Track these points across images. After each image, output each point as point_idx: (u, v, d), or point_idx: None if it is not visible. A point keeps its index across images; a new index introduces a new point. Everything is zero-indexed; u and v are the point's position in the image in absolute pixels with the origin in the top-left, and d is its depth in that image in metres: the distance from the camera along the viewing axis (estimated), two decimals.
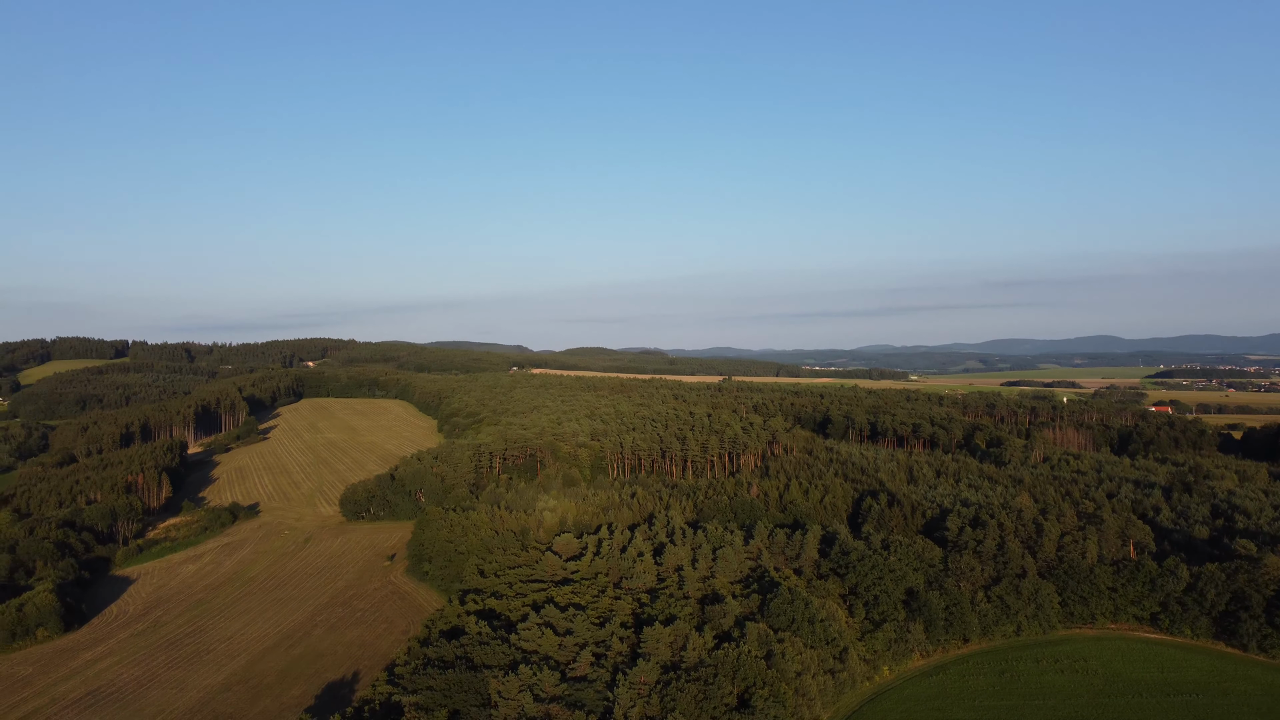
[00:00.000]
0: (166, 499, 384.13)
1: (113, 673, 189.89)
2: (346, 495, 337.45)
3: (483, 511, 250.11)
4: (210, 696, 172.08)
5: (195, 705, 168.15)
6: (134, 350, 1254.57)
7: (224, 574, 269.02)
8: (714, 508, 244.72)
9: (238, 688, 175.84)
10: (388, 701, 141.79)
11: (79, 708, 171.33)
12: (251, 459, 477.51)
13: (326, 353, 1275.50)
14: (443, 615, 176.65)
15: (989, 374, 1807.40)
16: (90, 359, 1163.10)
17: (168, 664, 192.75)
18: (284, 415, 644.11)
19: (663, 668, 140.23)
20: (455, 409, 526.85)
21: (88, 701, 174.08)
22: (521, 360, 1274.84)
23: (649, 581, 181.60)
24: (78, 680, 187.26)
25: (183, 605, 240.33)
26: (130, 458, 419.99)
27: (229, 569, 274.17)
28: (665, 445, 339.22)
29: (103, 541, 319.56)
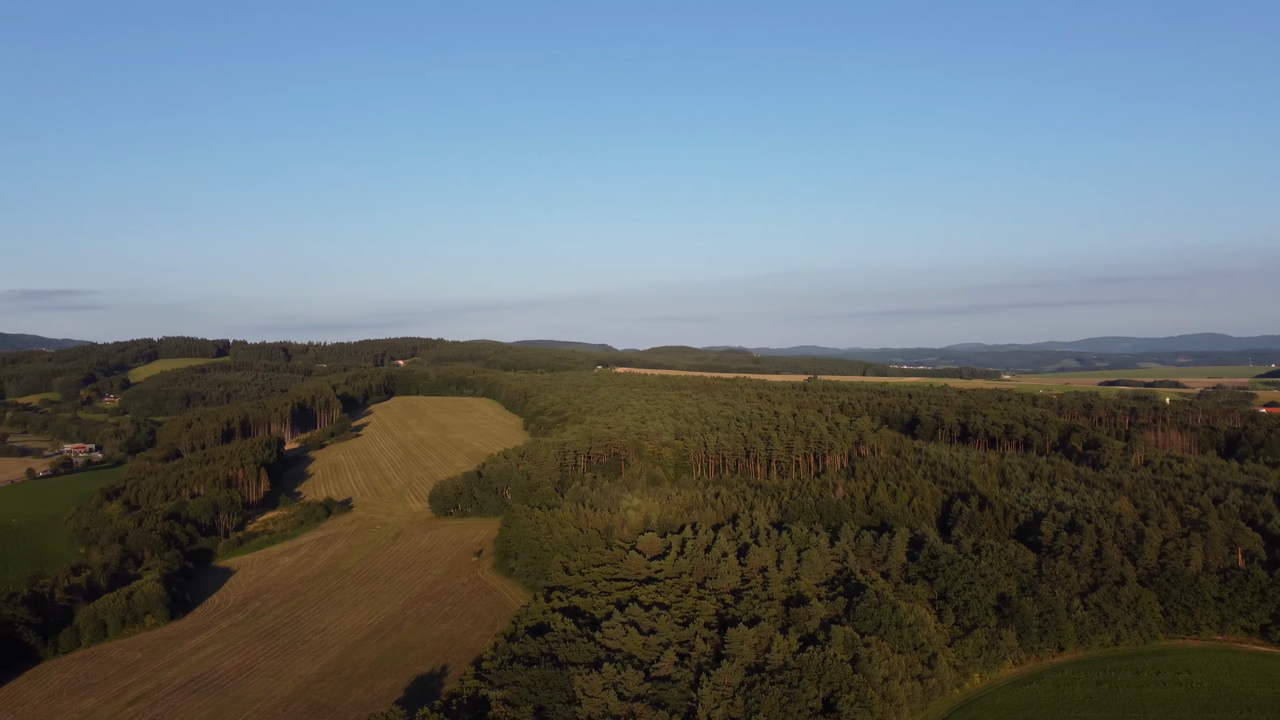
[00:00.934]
0: (265, 493, 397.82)
1: (215, 660, 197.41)
2: (435, 492, 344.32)
3: (567, 509, 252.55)
4: (306, 686, 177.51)
5: (292, 694, 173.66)
6: (234, 349, 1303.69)
7: (319, 567, 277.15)
8: (799, 509, 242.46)
9: (332, 678, 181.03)
10: (475, 696, 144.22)
11: (183, 693, 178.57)
12: (345, 455, 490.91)
13: (416, 352, 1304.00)
14: (528, 612, 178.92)
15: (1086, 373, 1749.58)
16: (194, 358, 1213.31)
17: (266, 653, 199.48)
18: (376, 413, 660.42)
19: (747, 669, 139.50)
20: (541, 407, 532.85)
21: (191, 688, 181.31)
22: (606, 359, 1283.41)
23: (733, 582, 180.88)
24: (182, 667, 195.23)
25: (280, 597, 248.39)
26: (231, 453, 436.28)
27: (324, 562, 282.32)
28: (749, 445, 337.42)
29: (205, 534, 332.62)
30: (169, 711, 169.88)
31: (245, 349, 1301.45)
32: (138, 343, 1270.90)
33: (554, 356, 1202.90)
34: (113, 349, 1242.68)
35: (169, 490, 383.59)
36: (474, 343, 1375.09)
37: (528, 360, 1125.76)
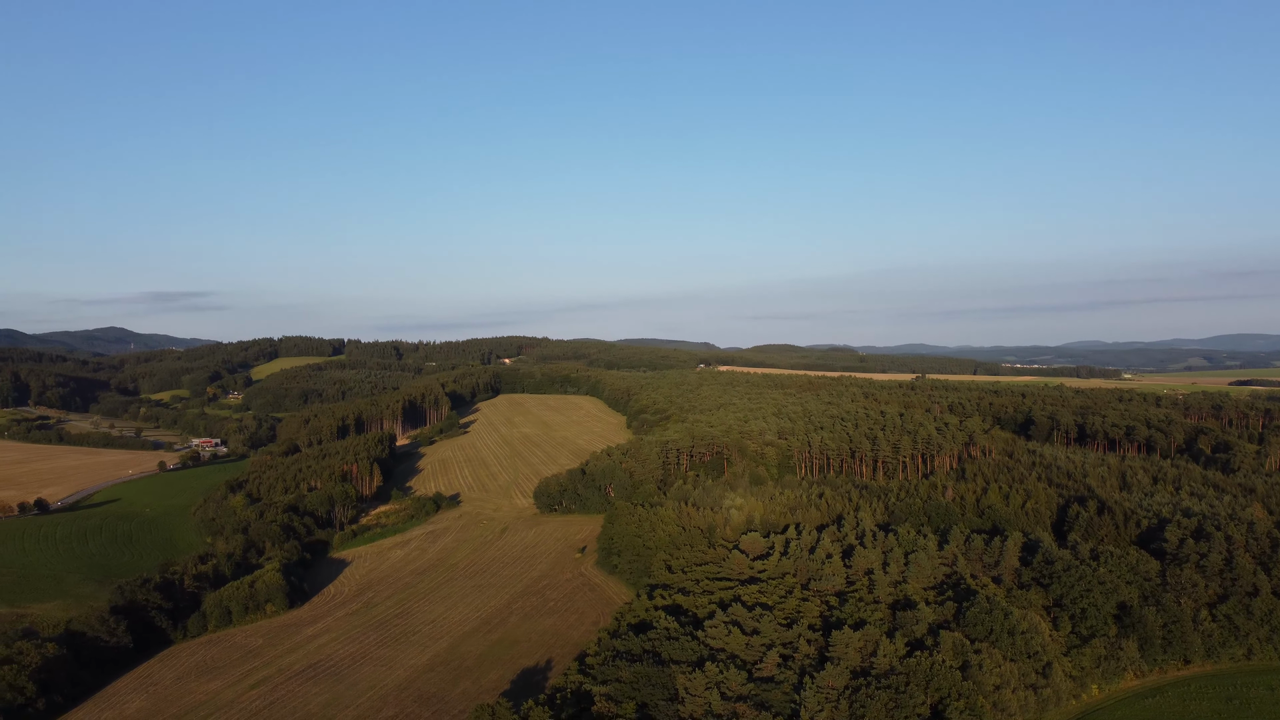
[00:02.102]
0: (378, 487, 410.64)
1: (330, 648, 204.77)
2: (540, 488, 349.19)
3: (670, 508, 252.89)
4: (416, 676, 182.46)
5: (402, 683, 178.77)
6: (349, 348, 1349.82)
7: (429, 560, 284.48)
8: (906, 510, 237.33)
9: (440, 669, 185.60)
10: (579, 690, 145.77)
11: (301, 679, 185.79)
12: (453, 451, 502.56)
13: (522, 350, 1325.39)
14: (631, 609, 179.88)
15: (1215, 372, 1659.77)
16: (311, 356, 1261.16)
17: (378, 643, 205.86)
18: (482, 410, 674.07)
19: (852, 673, 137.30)
20: (643, 406, 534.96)
21: (309, 674, 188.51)
22: (708, 357, 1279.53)
23: (837, 584, 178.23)
24: (300, 654, 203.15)
25: (392, 588, 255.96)
26: (346, 449, 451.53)
27: (433, 555, 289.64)
28: (855, 445, 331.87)
29: (322, 526, 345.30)
30: (288, 696, 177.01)
31: (359, 348, 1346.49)
32: (259, 342, 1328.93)
33: (657, 355, 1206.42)
34: (236, 348, 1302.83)
35: (288, 484, 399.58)
36: (578, 341, 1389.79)
37: (631, 359, 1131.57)
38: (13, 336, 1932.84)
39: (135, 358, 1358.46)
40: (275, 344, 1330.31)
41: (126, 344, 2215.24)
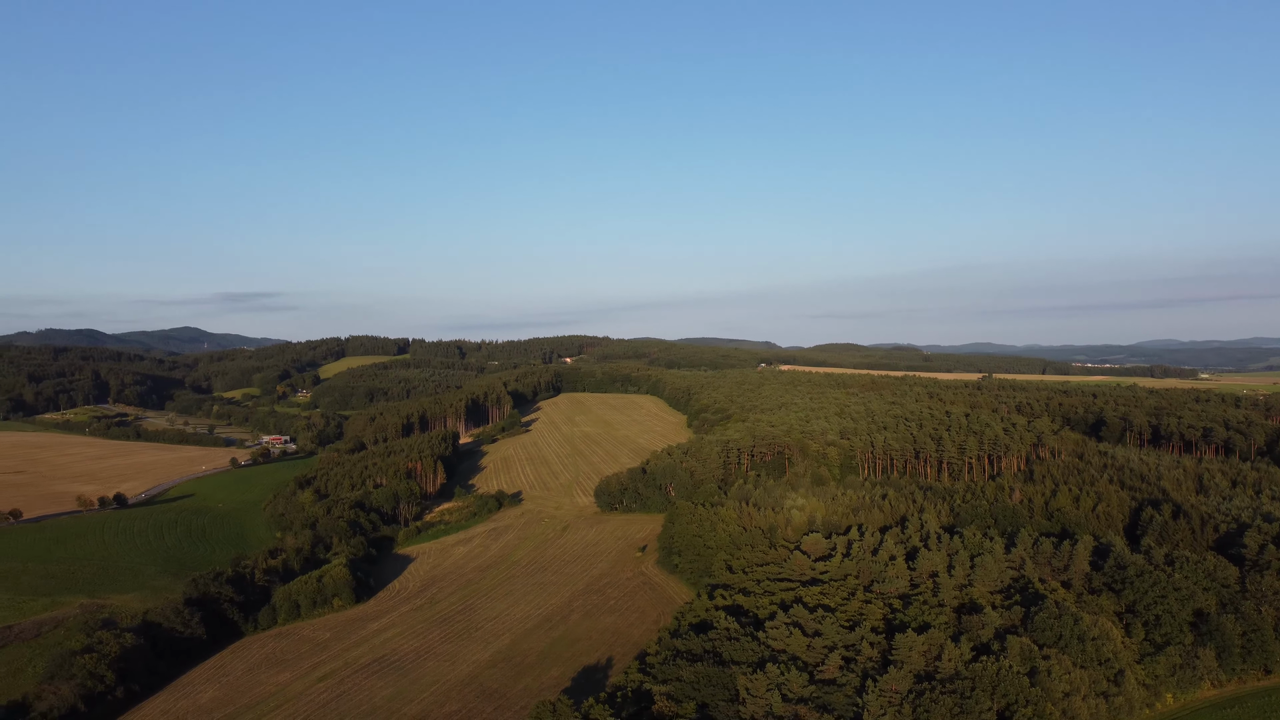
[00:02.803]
0: (441, 485, 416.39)
1: (395, 643, 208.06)
2: (601, 487, 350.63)
3: (731, 507, 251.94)
4: (479, 671, 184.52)
5: (466, 678, 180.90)
6: (413, 348, 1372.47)
7: (491, 557, 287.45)
8: (972, 512, 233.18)
9: (502, 665, 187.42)
10: (639, 689, 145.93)
11: (367, 673, 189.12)
12: (515, 450, 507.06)
13: (582, 349, 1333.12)
14: (691, 608, 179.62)
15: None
16: (377, 355, 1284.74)
17: (442, 638, 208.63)
18: (544, 409, 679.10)
19: (915, 677, 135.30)
20: (704, 405, 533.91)
21: (374, 668, 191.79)
22: (769, 356, 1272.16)
23: (901, 586, 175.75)
24: (366, 648, 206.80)
25: (455, 584, 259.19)
26: (410, 446, 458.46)
27: (495, 553, 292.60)
28: (919, 445, 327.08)
29: (387, 522, 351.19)
30: (354, 689, 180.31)
31: (423, 347, 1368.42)
32: (327, 341, 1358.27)
33: (718, 354, 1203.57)
34: (305, 347, 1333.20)
35: (355, 480, 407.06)
36: (638, 340, 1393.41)
37: (691, 358, 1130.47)
38: (93, 336, 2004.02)
39: (208, 357, 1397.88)
40: (342, 343, 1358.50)
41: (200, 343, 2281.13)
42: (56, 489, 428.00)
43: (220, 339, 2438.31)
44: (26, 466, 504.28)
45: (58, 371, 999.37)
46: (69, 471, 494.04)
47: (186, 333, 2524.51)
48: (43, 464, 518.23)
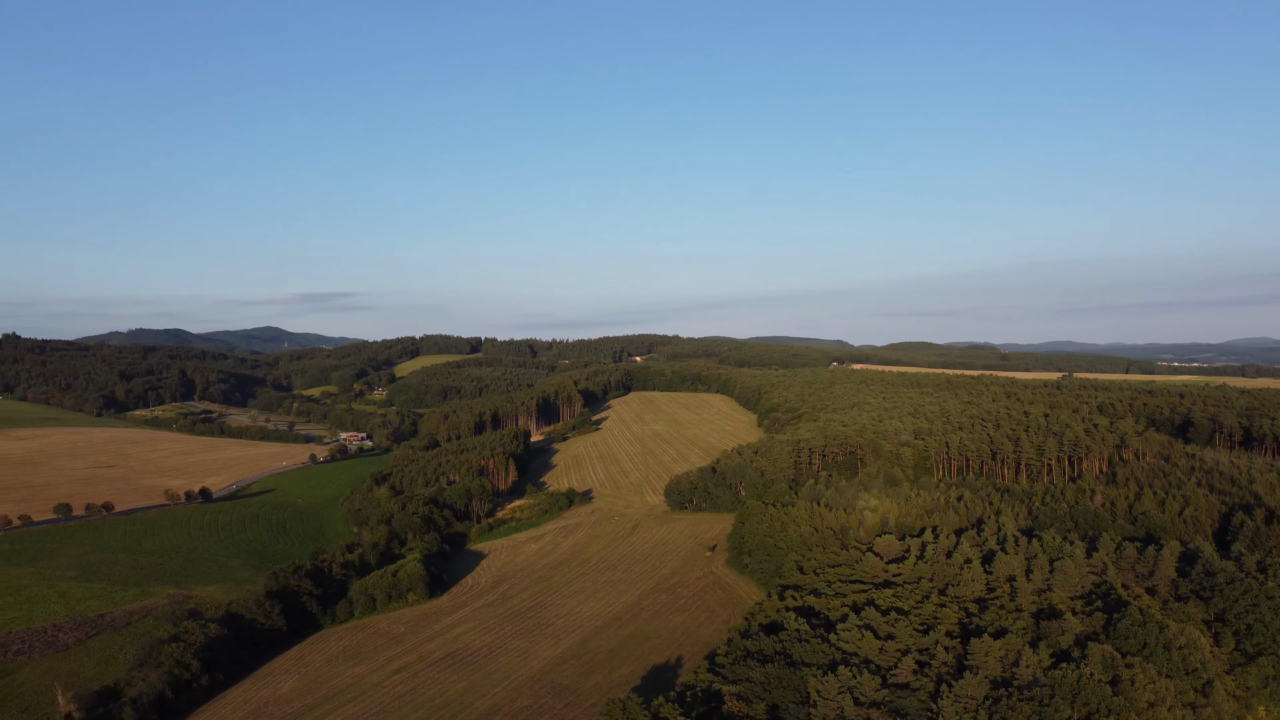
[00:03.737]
0: (513, 482, 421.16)
1: (468, 638, 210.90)
2: (671, 486, 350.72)
3: (802, 508, 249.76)
4: (550, 667, 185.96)
5: (537, 674, 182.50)
6: (486, 346, 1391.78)
7: (562, 554, 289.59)
8: (1051, 515, 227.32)
9: (573, 661, 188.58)
10: (709, 689, 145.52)
11: (440, 666, 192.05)
12: (585, 448, 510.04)
13: (652, 348, 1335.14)
14: (762, 609, 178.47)
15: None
16: (450, 354, 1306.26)
17: (513, 634, 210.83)
18: (614, 407, 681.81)
19: (992, 683, 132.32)
20: (775, 404, 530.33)
21: (448, 662, 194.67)
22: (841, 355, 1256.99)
23: (977, 590, 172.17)
24: (440, 642, 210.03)
25: (526, 581, 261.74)
26: (483, 444, 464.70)
27: (566, 550, 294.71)
28: (996, 446, 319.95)
29: (460, 518, 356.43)
30: (428, 683, 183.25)
31: (495, 346, 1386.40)
32: (402, 340, 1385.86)
33: (788, 353, 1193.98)
34: (381, 346, 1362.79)
35: (429, 477, 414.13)
36: (708, 339, 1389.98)
37: (762, 356, 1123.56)
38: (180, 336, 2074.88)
39: (289, 356, 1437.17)
40: (417, 342, 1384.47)
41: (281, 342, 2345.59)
42: (146, 483, 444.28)
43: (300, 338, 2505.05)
44: (118, 461, 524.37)
45: (147, 370, 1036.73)
46: (158, 466, 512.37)
47: (268, 332, 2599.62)
48: (134, 459, 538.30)
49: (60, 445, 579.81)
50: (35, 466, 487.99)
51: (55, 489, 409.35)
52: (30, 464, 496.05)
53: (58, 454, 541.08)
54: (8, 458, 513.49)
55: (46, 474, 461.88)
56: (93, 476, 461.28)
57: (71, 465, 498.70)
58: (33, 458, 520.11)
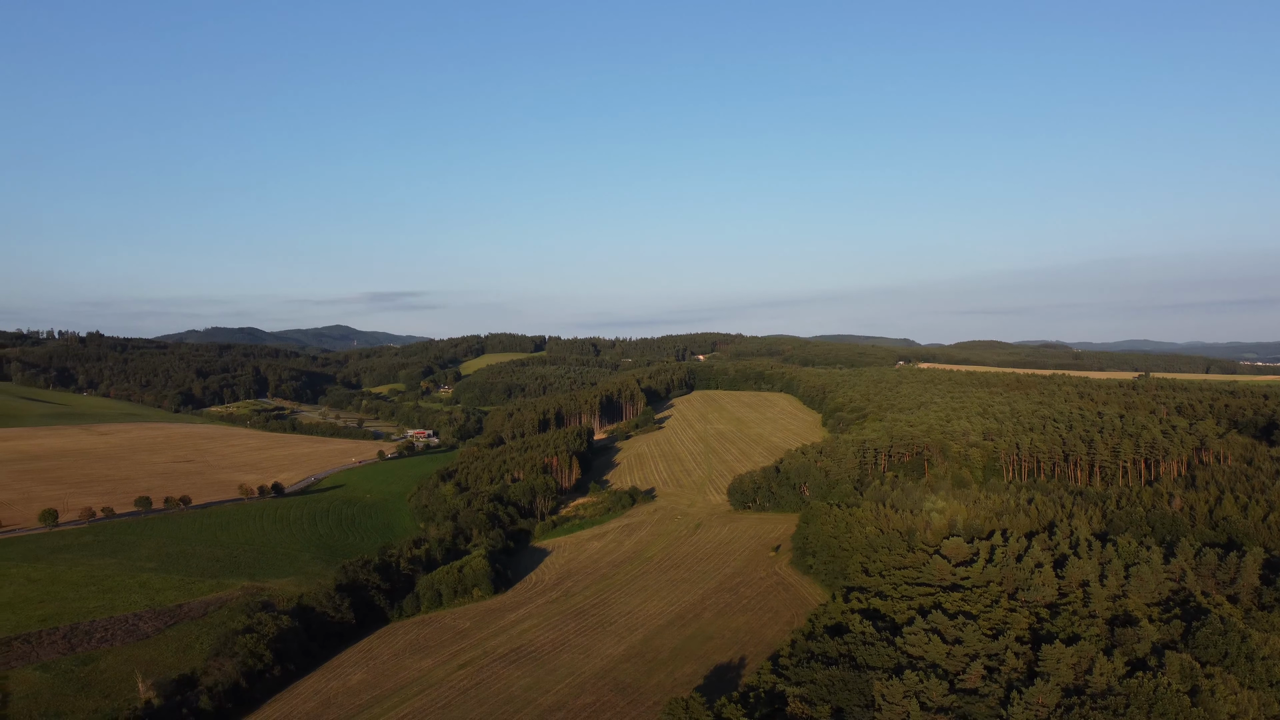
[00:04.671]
0: (576, 480, 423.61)
1: (532, 634, 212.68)
2: (734, 485, 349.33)
3: (867, 509, 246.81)
4: (612, 665, 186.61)
5: (600, 672, 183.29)
6: (550, 345, 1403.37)
7: (625, 553, 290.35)
8: (1126, 520, 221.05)
9: (636, 660, 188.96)
10: (772, 690, 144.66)
11: (505, 662, 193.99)
12: (648, 446, 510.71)
13: (715, 346, 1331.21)
14: (826, 611, 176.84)
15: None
16: (515, 352, 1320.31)
17: (576, 631, 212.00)
18: (677, 406, 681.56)
19: (1064, 690, 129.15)
20: (840, 404, 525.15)
21: (512, 657, 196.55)
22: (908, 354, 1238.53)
23: (1048, 595, 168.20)
24: (504, 638, 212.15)
25: (589, 579, 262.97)
26: (546, 442, 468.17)
27: (629, 548, 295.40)
28: (1068, 448, 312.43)
29: (524, 515, 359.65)
30: (492, 678, 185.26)
31: (559, 344, 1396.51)
32: (467, 339, 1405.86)
33: (853, 351, 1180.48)
34: (447, 345, 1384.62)
35: (493, 474, 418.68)
36: (772, 337, 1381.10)
37: (826, 355, 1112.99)
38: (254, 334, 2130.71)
39: (358, 354, 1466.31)
40: (482, 341, 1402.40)
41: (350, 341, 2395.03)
42: (221, 477, 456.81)
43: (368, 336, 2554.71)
44: (195, 456, 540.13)
45: (222, 367, 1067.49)
46: (232, 461, 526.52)
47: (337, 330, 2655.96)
48: (209, 454, 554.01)
49: (140, 440, 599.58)
50: (117, 461, 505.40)
51: (136, 482, 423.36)
52: (112, 458, 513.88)
53: (138, 449, 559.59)
54: (92, 452, 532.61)
55: (127, 468, 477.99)
56: (171, 471, 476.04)
57: (151, 460, 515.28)
58: (115, 452, 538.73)
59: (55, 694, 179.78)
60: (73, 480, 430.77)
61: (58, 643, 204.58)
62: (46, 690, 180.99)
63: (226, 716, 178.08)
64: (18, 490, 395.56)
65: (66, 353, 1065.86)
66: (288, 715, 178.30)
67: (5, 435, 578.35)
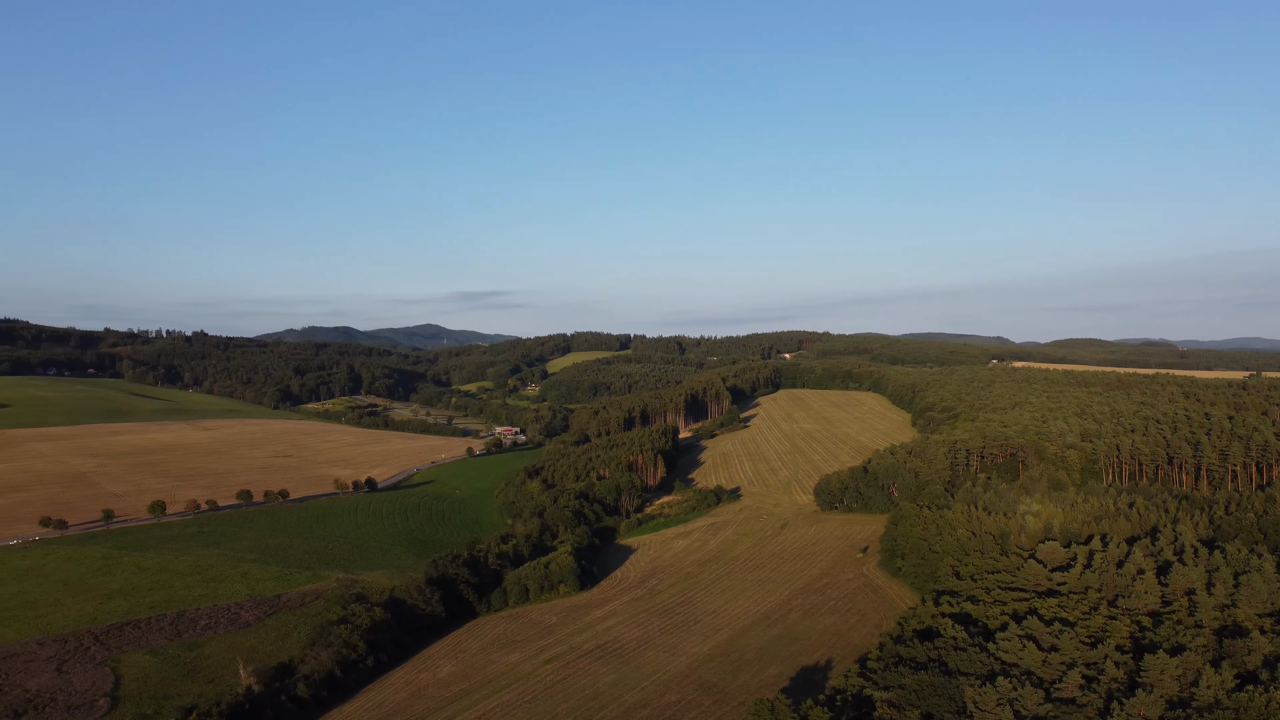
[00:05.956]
0: (661, 478, 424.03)
1: (617, 631, 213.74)
2: (821, 485, 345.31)
3: (959, 511, 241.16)
4: (697, 664, 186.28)
5: (685, 670, 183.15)
6: (635, 343, 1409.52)
7: (709, 552, 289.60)
8: (1235, 526, 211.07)
9: (721, 659, 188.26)
10: (859, 694, 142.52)
11: (590, 658, 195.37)
12: (734, 445, 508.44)
13: (802, 345, 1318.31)
14: (916, 614, 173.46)
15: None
16: (600, 351, 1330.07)
17: (662, 629, 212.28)
18: (762, 405, 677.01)
19: (1167, 703, 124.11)
20: (930, 403, 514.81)
21: (597, 654, 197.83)
22: (1001, 353, 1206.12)
23: (1151, 603, 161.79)
24: (590, 634, 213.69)
25: (674, 577, 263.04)
26: (632, 440, 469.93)
27: (714, 547, 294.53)
28: (1173, 450, 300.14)
29: (609, 513, 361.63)
30: (578, 673, 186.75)
31: (644, 343, 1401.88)
32: (554, 338, 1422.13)
33: (944, 350, 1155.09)
34: (534, 343, 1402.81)
35: (579, 471, 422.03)
36: (859, 336, 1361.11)
37: (915, 354, 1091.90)
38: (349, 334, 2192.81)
39: (447, 352, 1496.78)
40: (568, 339, 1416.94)
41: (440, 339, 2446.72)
42: (317, 472, 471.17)
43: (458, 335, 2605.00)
44: (293, 451, 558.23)
45: (318, 366, 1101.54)
46: (328, 457, 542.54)
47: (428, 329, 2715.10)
48: (306, 449, 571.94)
49: (242, 436, 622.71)
50: (220, 455, 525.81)
51: (237, 476, 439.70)
52: (216, 453, 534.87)
53: (239, 444, 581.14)
54: (197, 447, 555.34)
55: (230, 462, 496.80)
56: (270, 465, 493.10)
57: (251, 454, 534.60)
58: (218, 447, 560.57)
59: (163, 678, 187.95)
60: (179, 473, 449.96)
61: (165, 629, 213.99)
62: (155, 674, 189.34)
63: (322, 704, 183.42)
64: (130, 483, 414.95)
65: (173, 351, 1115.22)
66: (380, 705, 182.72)
67: (119, 430, 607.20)
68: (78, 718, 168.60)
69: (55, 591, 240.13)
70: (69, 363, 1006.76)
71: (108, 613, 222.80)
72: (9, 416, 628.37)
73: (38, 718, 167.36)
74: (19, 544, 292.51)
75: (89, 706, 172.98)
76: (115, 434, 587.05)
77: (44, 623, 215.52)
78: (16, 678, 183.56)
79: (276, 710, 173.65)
